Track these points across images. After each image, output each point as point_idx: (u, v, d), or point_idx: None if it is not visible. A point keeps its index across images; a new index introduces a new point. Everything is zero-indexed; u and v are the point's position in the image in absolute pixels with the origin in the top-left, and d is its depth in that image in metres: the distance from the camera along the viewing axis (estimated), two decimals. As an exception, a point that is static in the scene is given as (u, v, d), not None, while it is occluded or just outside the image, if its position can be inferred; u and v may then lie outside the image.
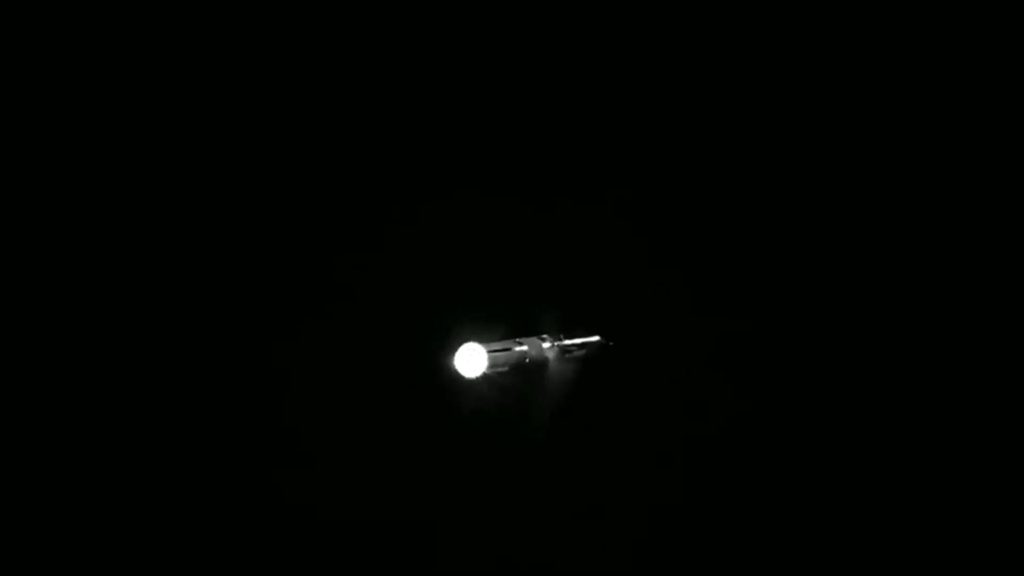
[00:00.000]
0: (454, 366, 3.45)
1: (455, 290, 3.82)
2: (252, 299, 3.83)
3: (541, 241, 3.86)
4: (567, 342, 3.57)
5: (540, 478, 3.69)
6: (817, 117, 3.76)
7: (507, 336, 3.52)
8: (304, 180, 3.86)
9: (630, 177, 3.87)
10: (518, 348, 3.46)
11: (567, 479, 3.70)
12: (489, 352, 3.43)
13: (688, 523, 3.68)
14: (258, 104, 3.83)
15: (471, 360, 3.45)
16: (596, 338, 3.64)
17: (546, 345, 3.54)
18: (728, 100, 3.80)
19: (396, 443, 3.74)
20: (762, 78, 3.78)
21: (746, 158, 3.81)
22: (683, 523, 3.68)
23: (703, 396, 3.77)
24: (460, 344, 3.45)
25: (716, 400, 3.76)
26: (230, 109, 3.82)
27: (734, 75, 3.79)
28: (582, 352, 3.60)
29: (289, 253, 3.85)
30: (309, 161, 3.86)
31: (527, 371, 3.51)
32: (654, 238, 3.86)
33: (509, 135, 3.87)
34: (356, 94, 3.86)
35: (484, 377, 3.44)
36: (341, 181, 3.87)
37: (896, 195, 3.75)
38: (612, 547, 3.66)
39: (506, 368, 3.44)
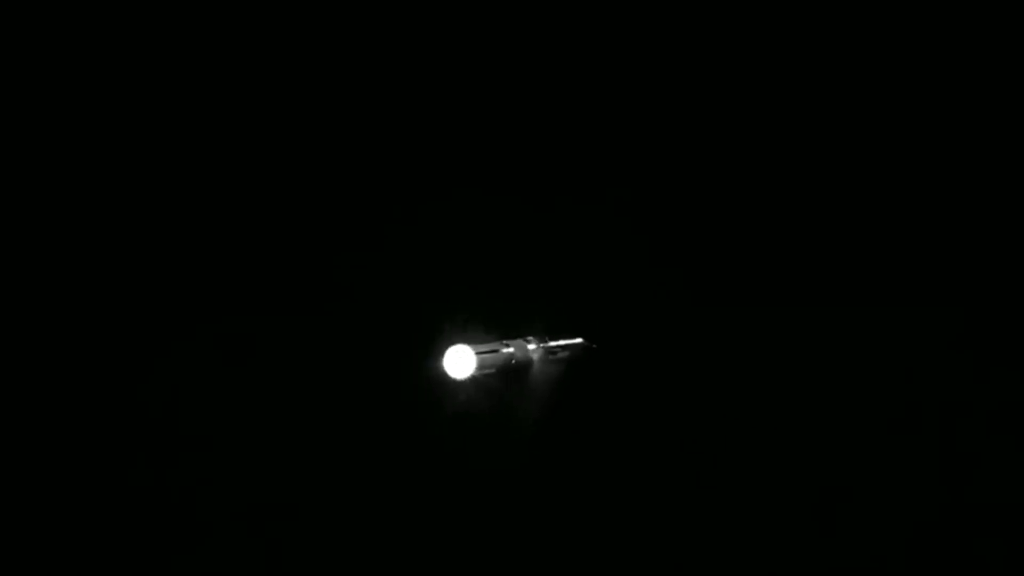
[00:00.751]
0: (442, 368, 3.45)
1: (454, 291, 3.83)
2: (252, 299, 3.86)
3: (540, 241, 3.86)
4: (551, 344, 3.57)
5: (528, 479, 3.70)
6: (818, 117, 3.74)
7: (492, 337, 3.52)
8: (304, 180, 3.88)
9: (630, 177, 3.86)
10: (505, 350, 3.45)
11: (555, 481, 3.70)
12: (477, 354, 3.43)
13: (677, 524, 3.67)
14: (258, 104, 3.85)
15: (460, 362, 3.45)
16: (579, 340, 3.64)
17: (531, 347, 3.54)
18: (728, 100, 3.79)
19: (386, 445, 3.75)
20: (762, 78, 3.76)
21: (746, 158, 3.80)
22: (672, 524, 3.68)
23: (700, 398, 3.76)
24: (448, 346, 3.45)
25: (712, 402, 3.76)
26: (230, 109, 3.84)
27: (734, 75, 3.78)
28: (566, 354, 3.60)
29: (289, 253, 3.86)
30: (309, 161, 3.88)
31: (513, 373, 3.51)
32: (654, 238, 3.85)
33: (509, 135, 3.87)
34: (356, 94, 3.87)
35: (472, 379, 3.44)
36: (341, 181, 3.88)
37: (898, 193, 3.73)
38: (600, 548, 3.66)
39: (493, 370, 3.44)
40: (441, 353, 3.45)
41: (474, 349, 3.44)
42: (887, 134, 3.72)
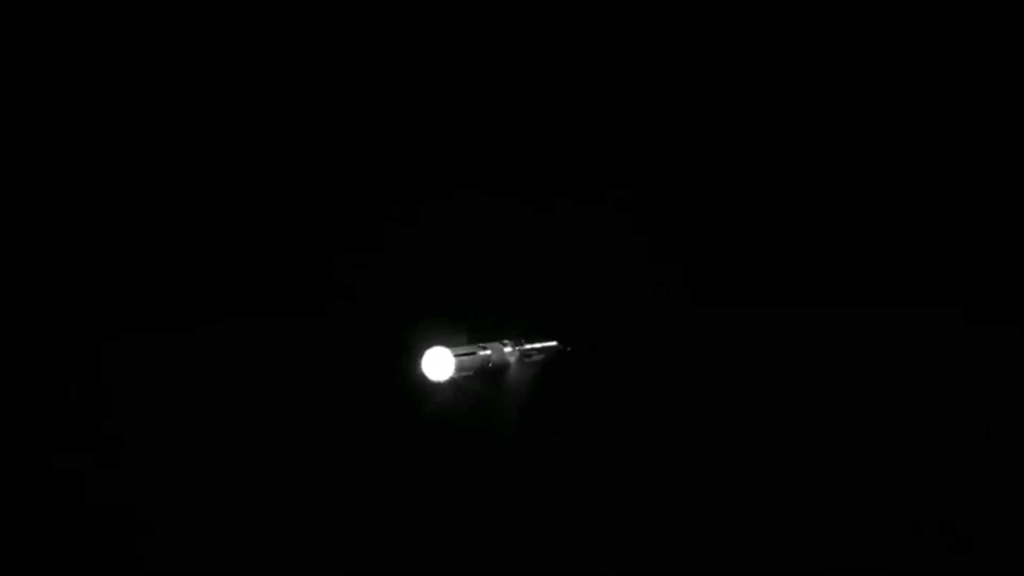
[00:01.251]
0: (421, 370, 3.47)
1: (454, 292, 3.84)
2: (251, 299, 3.89)
3: (540, 241, 3.86)
4: (527, 346, 3.57)
5: (509, 481, 3.71)
6: (817, 117, 3.70)
7: (479, 339, 3.53)
8: (304, 180, 3.90)
9: (630, 177, 3.84)
10: (482, 352, 3.46)
11: (535, 482, 3.71)
12: (456, 356, 3.44)
13: (649, 526, 3.67)
14: (258, 104, 3.88)
15: (439, 364, 3.46)
16: (553, 343, 3.63)
17: (507, 350, 3.54)
18: (728, 101, 3.76)
19: (371, 444, 3.77)
20: (762, 79, 3.73)
21: (747, 159, 3.76)
22: (644, 526, 3.67)
23: (698, 398, 3.75)
24: (427, 348, 3.47)
25: (709, 402, 3.74)
26: (230, 109, 3.87)
27: (734, 76, 3.74)
28: (540, 356, 3.60)
29: (287, 253, 3.89)
30: (309, 162, 3.90)
31: (490, 375, 3.52)
32: (654, 238, 3.83)
33: (509, 135, 3.86)
34: (356, 94, 3.89)
35: (450, 381, 3.45)
36: (341, 181, 3.90)
37: (897, 194, 3.68)
38: (577, 548, 3.66)
39: (471, 372, 3.45)
40: (420, 356, 3.46)
41: (453, 352, 3.45)
42: (884, 135, 3.67)
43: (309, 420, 3.81)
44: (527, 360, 3.58)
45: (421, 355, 3.46)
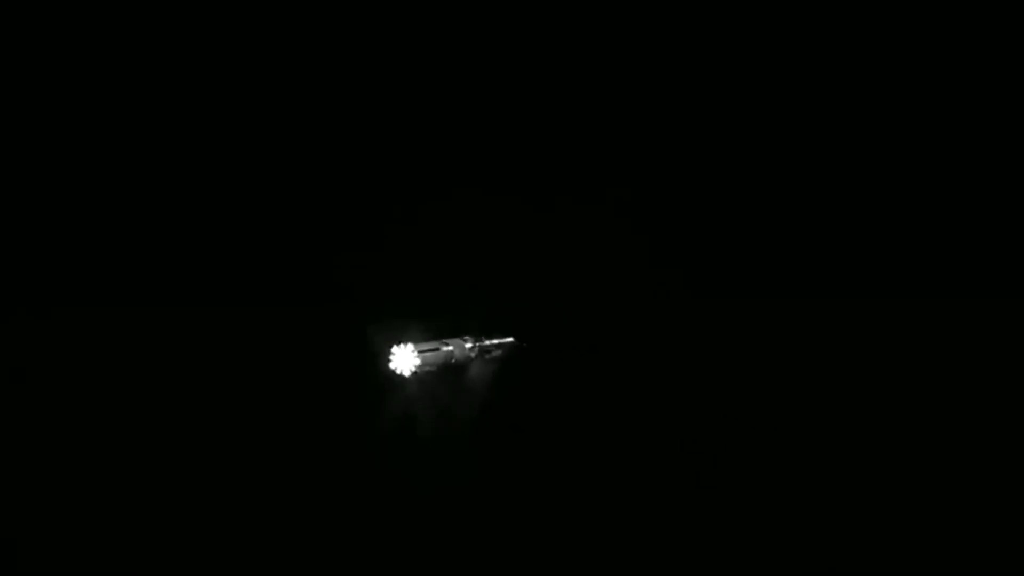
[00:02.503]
0: (388, 365, 3.46)
1: (454, 291, 3.81)
2: (257, 300, 3.91)
3: (539, 241, 3.82)
4: (486, 342, 3.53)
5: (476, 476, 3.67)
6: (815, 118, 3.61)
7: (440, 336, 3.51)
8: (305, 180, 3.92)
9: (630, 177, 3.78)
10: (444, 348, 3.43)
11: (504, 478, 3.66)
12: (419, 352, 3.43)
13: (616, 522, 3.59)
14: (259, 105, 3.90)
15: (403, 359, 3.45)
16: (510, 339, 3.58)
17: (468, 346, 3.50)
18: (727, 101, 3.69)
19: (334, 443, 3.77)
20: (761, 79, 3.65)
21: (746, 157, 3.69)
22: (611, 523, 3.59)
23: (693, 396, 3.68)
24: (393, 344, 3.45)
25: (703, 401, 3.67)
26: (232, 110, 3.90)
27: (733, 77, 3.68)
28: (499, 352, 3.55)
29: (287, 252, 3.91)
30: (310, 162, 3.91)
31: (452, 370, 3.50)
32: (654, 238, 3.77)
33: (509, 135, 3.83)
34: (357, 95, 3.89)
35: (415, 376, 3.43)
36: (341, 181, 3.90)
37: (896, 194, 3.58)
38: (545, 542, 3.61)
39: (434, 367, 3.42)
40: (388, 352, 3.46)
41: (417, 348, 3.44)
42: (879, 135, 3.58)
43: (296, 417, 3.81)
44: (487, 356, 3.54)
45: (387, 351, 3.45)
